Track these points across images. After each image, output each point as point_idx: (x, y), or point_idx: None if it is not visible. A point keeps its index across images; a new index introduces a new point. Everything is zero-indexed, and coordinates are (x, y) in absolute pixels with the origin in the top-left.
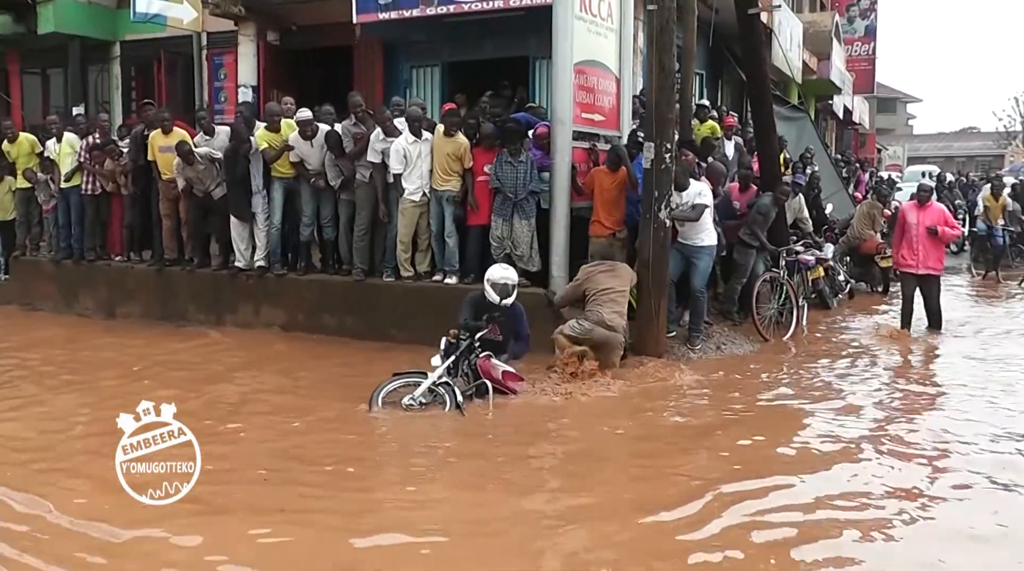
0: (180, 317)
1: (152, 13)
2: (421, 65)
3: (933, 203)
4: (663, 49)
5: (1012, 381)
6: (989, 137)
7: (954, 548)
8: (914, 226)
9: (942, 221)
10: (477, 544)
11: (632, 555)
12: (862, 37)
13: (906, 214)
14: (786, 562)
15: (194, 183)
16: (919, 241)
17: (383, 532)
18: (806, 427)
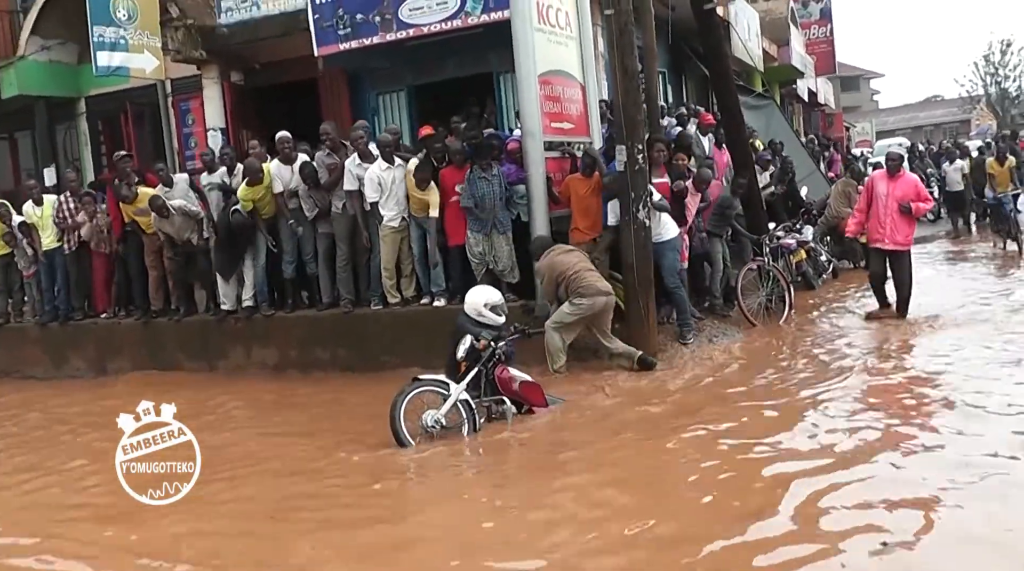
0: (171, 367)
1: (114, 66)
2: (386, 91)
3: (905, 173)
4: (624, 52)
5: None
6: (953, 103)
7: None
8: (883, 197)
9: (913, 193)
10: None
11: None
12: (818, 20)
13: (875, 184)
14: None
15: (173, 235)
16: (887, 213)
17: None
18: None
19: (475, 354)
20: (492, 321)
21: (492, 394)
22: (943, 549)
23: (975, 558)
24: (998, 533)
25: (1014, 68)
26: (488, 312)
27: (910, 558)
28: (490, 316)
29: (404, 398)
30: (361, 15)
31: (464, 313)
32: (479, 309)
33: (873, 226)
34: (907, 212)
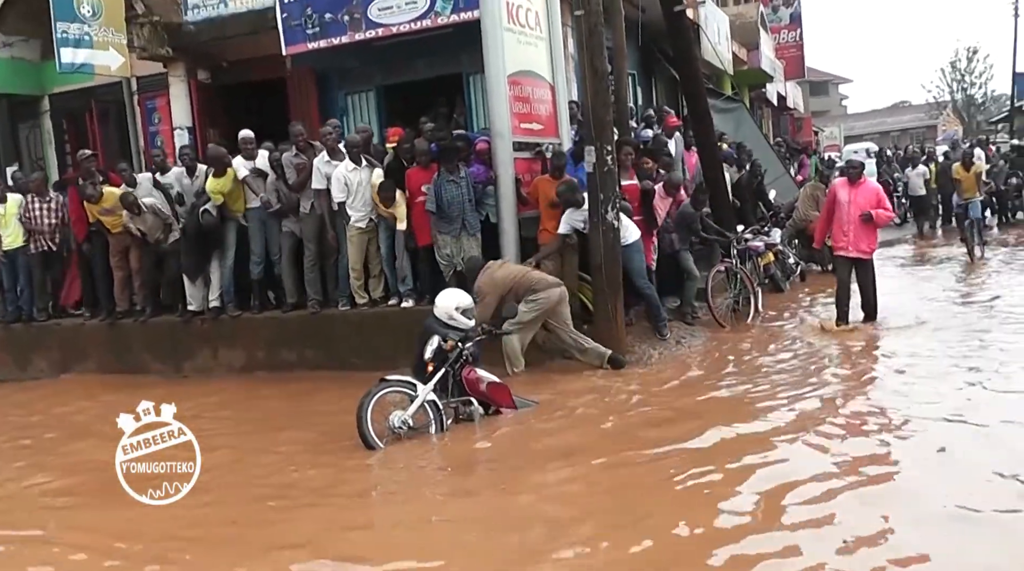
0: (138, 369)
1: (79, 62)
2: (355, 91)
3: (866, 180)
4: (594, 52)
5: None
6: (920, 109)
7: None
8: (845, 205)
9: (875, 200)
10: None
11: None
12: (788, 25)
13: (837, 192)
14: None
15: (146, 232)
16: (850, 221)
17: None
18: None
19: (442, 355)
20: (462, 324)
21: (459, 395)
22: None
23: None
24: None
25: (980, 75)
26: (459, 316)
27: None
28: (461, 319)
29: (371, 399)
30: (330, 14)
31: (433, 316)
32: (450, 313)
33: (836, 234)
34: (868, 221)
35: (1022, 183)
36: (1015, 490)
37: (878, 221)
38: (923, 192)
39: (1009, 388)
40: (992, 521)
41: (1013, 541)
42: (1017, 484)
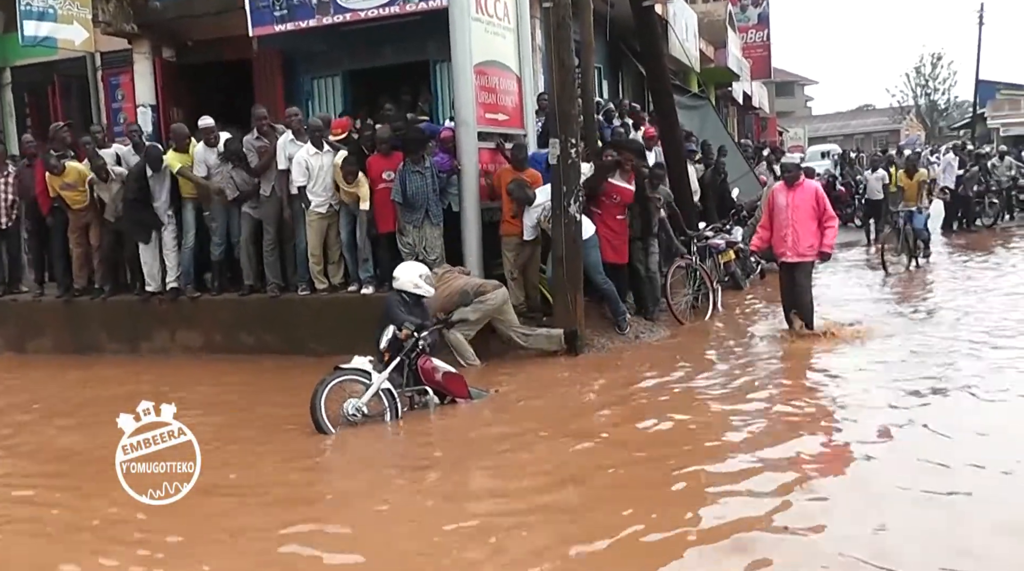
0: (94, 348)
1: (42, 36)
2: (322, 75)
3: (804, 182)
4: (561, 45)
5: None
6: (884, 113)
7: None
8: (783, 209)
9: (812, 201)
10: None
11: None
12: (756, 24)
13: (775, 196)
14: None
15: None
16: (788, 225)
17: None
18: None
19: (397, 344)
20: (426, 292)
21: (415, 384)
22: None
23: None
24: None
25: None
26: (423, 282)
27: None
28: (425, 286)
29: (325, 387)
30: None
31: (396, 291)
32: (415, 281)
33: (776, 240)
34: (825, 259)
35: (984, 190)
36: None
37: (826, 242)
38: (880, 196)
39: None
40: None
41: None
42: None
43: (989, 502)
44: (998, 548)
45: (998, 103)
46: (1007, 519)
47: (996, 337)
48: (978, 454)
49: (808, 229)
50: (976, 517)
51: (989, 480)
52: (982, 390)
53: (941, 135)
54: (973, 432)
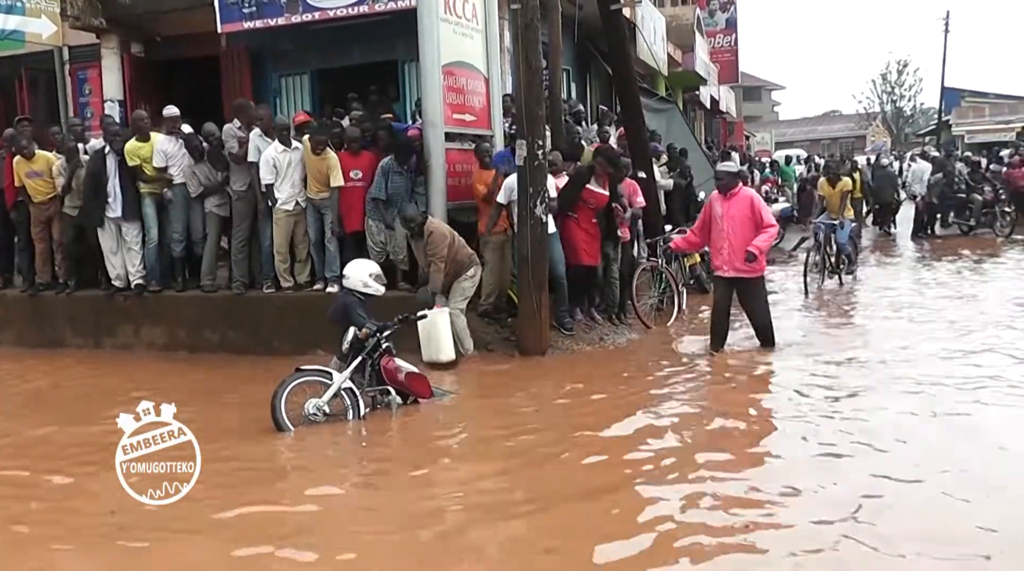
0: (57, 343)
1: (9, 29)
2: (289, 74)
3: (740, 191)
4: (529, 47)
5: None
6: (851, 119)
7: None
8: (720, 219)
9: (748, 210)
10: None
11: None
12: (723, 29)
13: (712, 205)
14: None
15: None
16: (724, 238)
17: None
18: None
19: (359, 344)
20: (376, 291)
21: (378, 384)
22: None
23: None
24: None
25: (909, 88)
26: (373, 282)
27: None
28: (375, 286)
29: (285, 388)
30: None
31: (348, 290)
32: (364, 280)
33: (713, 252)
34: (752, 260)
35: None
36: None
37: (758, 250)
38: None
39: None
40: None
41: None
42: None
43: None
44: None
45: (963, 110)
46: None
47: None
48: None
49: (745, 241)
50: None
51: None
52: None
53: (907, 142)
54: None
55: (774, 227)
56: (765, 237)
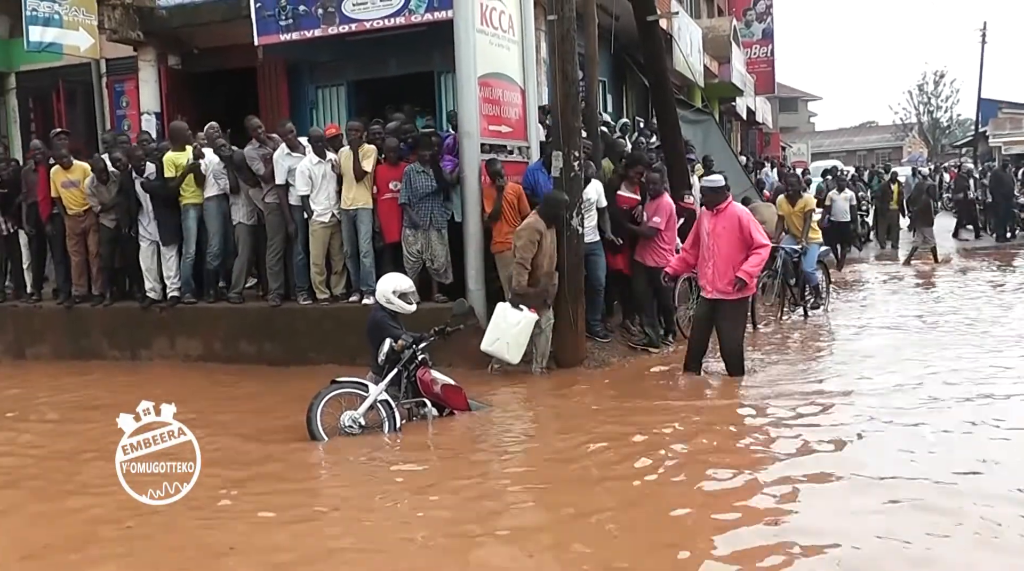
0: (93, 355)
1: (47, 42)
2: (326, 85)
3: (730, 206)
4: (565, 58)
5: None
6: (887, 130)
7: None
8: (706, 236)
9: (736, 229)
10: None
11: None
12: (760, 40)
13: (701, 220)
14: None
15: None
16: (710, 257)
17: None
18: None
19: (394, 355)
20: (401, 309)
21: (414, 395)
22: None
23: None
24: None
25: (946, 99)
26: (397, 299)
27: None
28: (399, 303)
29: (321, 400)
30: (304, 7)
31: (377, 304)
32: (387, 296)
33: (699, 270)
34: (743, 287)
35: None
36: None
37: (746, 276)
38: (847, 218)
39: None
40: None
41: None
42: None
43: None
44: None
45: (999, 121)
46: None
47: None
48: None
49: (731, 261)
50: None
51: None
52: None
53: (943, 153)
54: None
55: (765, 248)
56: (755, 260)
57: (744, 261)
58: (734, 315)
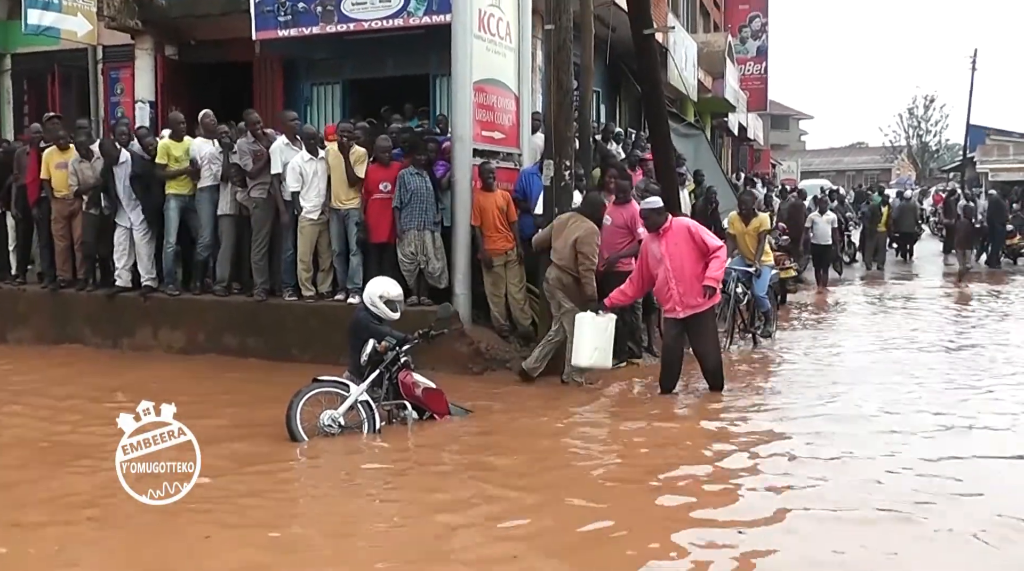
0: (76, 340)
1: (45, 25)
2: (322, 83)
3: (671, 224)
4: (561, 67)
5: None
6: (877, 151)
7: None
8: (659, 260)
9: (689, 241)
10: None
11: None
12: (754, 57)
13: (647, 248)
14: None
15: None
16: (671, 277)
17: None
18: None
19: (377, 356)
20: (385, 315)
21: (395, 398)
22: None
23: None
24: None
25: (935, 123)
26: (382, 305)
27: None
28: (383, 309)
29: (301, 399)
30: (303, 4)
31: (362, 304)
32: (373, 300)
33: (661, 297)
34: (712, 293)
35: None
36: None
37: (715, 284)
38: (828, 241)
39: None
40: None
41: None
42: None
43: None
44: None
45: (987, 148)
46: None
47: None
48: None
49: (695, 275)
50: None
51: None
52: None
53: (932, 177)
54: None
55: (722, 249)
56: (717, 264)
57: (706, 269)
58: (707, 329)
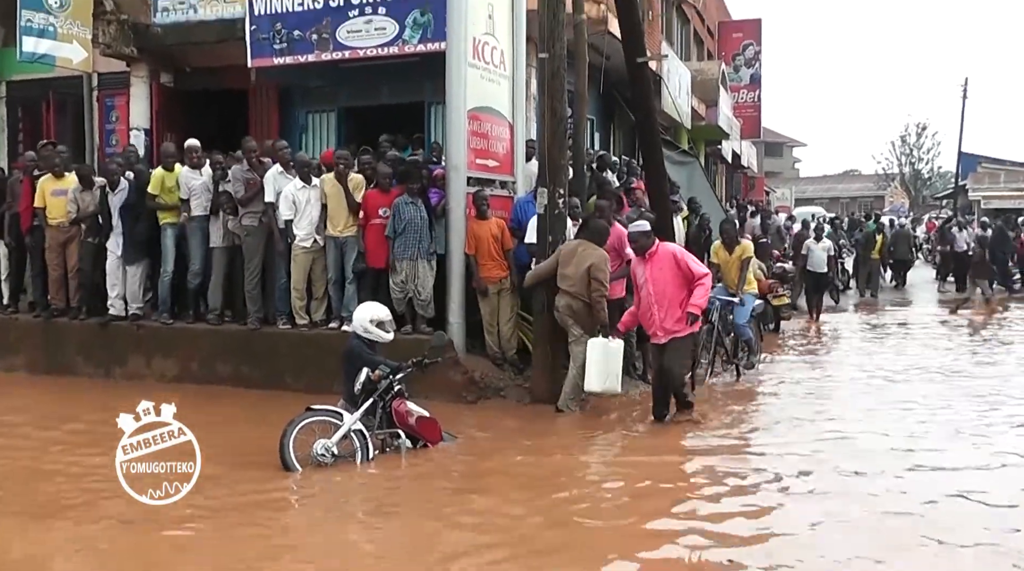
0: (68, 369)
1: (40, 53)
2: (317, 110)
3: (658, 249)
4: (555, 95)
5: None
6: (870, 179)
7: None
8: (643, 284)
9: (674, 267)
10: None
11: None
12: (748, 85)
13: (635, 269)
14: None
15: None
16: (652, 303)
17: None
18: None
19: (371, 385)
20: (378, 337)
21: (388, 426)
22: None
23: None
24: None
25: (927, 151)
26: (374, 328)
27: None
28: (376, 332)
29: (295, 428)
30: (299, 31)
31: (354, 333)
32: (364, 325)
33: (644, 321)
34: (695, 321)
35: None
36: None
37: (698, 312)
38: (824, 269)
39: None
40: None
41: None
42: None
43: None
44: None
45: (979, 176)
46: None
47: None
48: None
49: (677, 301)
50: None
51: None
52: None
53: (924, 204)
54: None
55: (707, 276)
56: (701, 291)
57: (690, 296)
58: (680, 351)
